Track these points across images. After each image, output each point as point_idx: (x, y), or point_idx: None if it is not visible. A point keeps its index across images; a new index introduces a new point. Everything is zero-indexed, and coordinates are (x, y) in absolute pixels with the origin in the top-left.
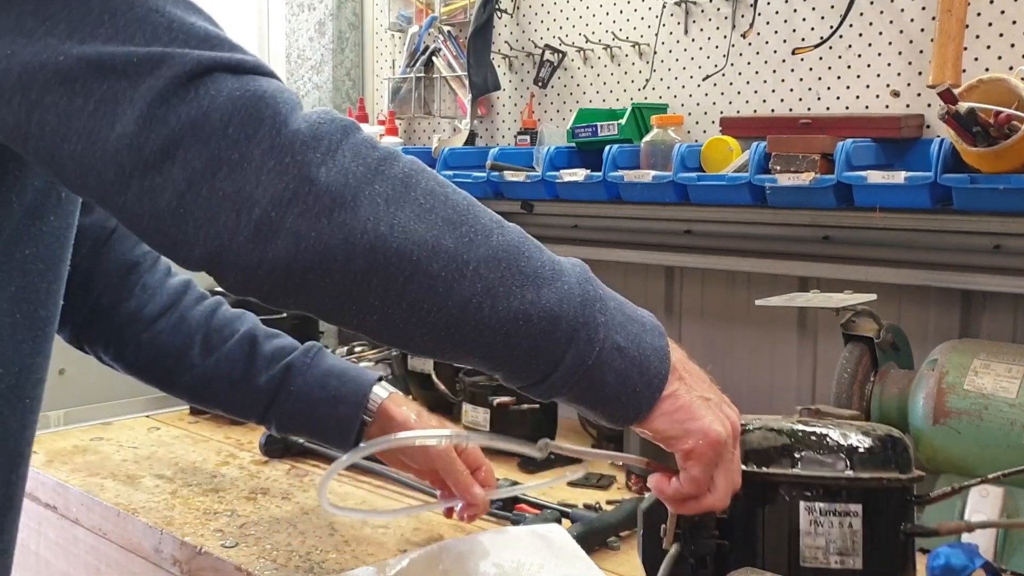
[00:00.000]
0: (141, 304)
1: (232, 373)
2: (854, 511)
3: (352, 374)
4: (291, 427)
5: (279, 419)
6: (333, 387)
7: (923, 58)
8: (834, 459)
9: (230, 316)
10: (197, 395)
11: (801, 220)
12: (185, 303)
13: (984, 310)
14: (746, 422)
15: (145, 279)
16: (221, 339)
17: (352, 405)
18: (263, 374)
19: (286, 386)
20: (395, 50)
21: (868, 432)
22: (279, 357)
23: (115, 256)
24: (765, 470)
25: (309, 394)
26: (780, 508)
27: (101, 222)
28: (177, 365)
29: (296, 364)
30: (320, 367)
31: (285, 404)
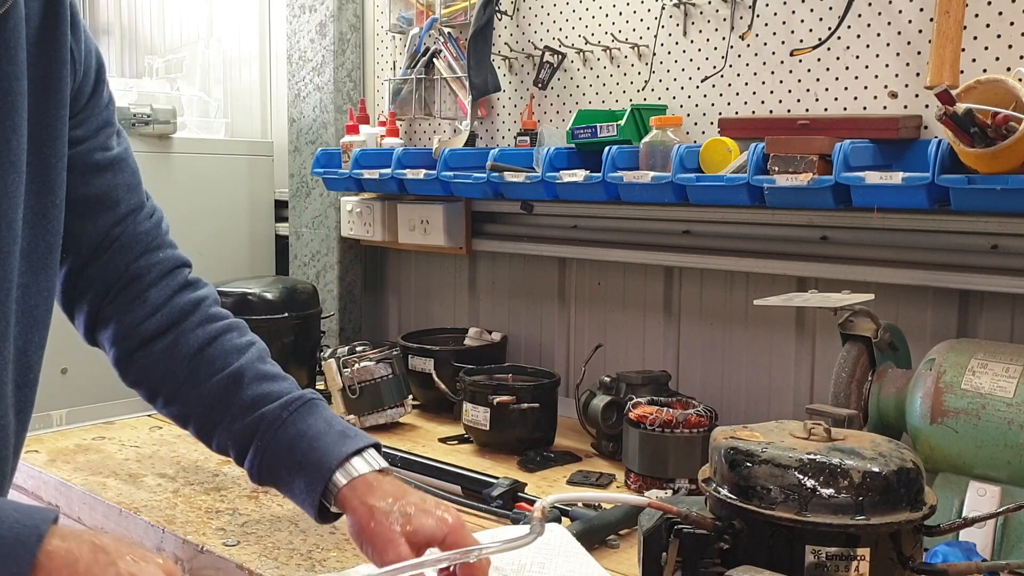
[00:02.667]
0: (138, 319)
1: (211, 413)
2: (861, 555)
3: (325, 442)
4: (266, 482)
5: (252, 471)
6: (300, 453)
7: (921, 59)
8: (844, 504)
9: (229, 348)
10: (182, 424)
11: (799, 220)
12: (185, 325)
13: (982, 310)
14: (752, 449)
15: (148, 294)
16: (210, 373)
17: (314, 481)
18: (237, 421)
19: (257, 441)
20: (396, 52)
21: (881, 463)
22: (257, 406)
23: (115, 266)
24: (770, 512)
25: (277, 455)
26: (784, 549)
27: (105, 230)
28: (161, 390)
29: (268, 418)
30: (295, 427)
31: (255, 458)
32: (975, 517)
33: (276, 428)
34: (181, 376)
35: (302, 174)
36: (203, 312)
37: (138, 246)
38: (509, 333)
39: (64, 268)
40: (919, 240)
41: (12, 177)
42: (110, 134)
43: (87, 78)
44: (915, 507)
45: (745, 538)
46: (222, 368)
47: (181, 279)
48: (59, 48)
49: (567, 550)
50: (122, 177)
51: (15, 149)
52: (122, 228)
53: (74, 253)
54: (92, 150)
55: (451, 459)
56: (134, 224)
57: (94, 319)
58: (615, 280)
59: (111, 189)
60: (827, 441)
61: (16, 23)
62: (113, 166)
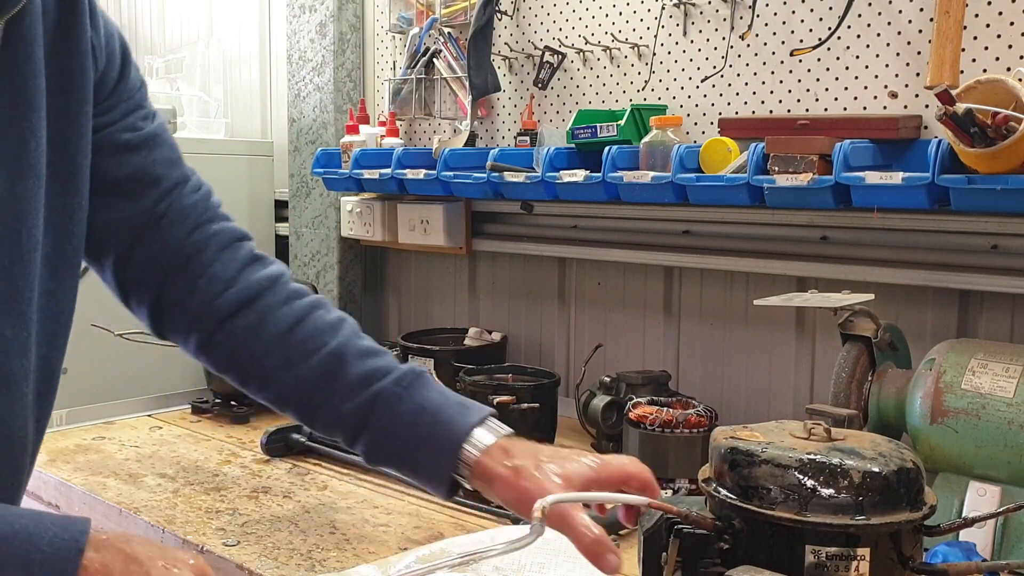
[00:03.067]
0: (209, 297)
1: (313, 395)
2: (861, 555)
3: (448, 414)
4: (381, 463)
5: (367, 452)
6: (425, 428)
7: (921, 59)
8: (844, 504)
9: (322, 325)
10: (279, 408)
11: (799, 220)
12: (268, 302)
13: (982, 310)
14: (752, 449)
15: (212, 269)
16: (304, 353)
17: (444, 454)
18: (348, 401)
19: (373, 419)
20: (396, 52)
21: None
22: (367, 383)
23: (166, 245)
24: (770, 512)
25: (397, 432)
26: (784, 549)
27: (147, 208)
28: (252, 373)
29: (384, 395)
30: (412, 401)
31: (372, 438)
32: (975, 517)
33: (393, 404)
34: (274, 358)
35: (302, 174)
36: (283, 288)
37: (188, 220)
38: (509, 333)
39: (110, 258)
40: (919, 240)
41: (31, 181)
42: (141, 116)
43: (111, 65)
44: (915, 507)
45: (745, 538)
46: (319, 347)
47: (247, 252)
48: (79, 40)
49: (567, 551)
50: (158, 153)
51: (33, 152)
52: (167, 203)
53: (118, 239)
54: (120, 130)
55: None
56: (179, 198)
57: (158, 308)
58: (615, 280)
59: (148, 166)
60: (827, 441)
61: (33, 19)
62: (147, 143)
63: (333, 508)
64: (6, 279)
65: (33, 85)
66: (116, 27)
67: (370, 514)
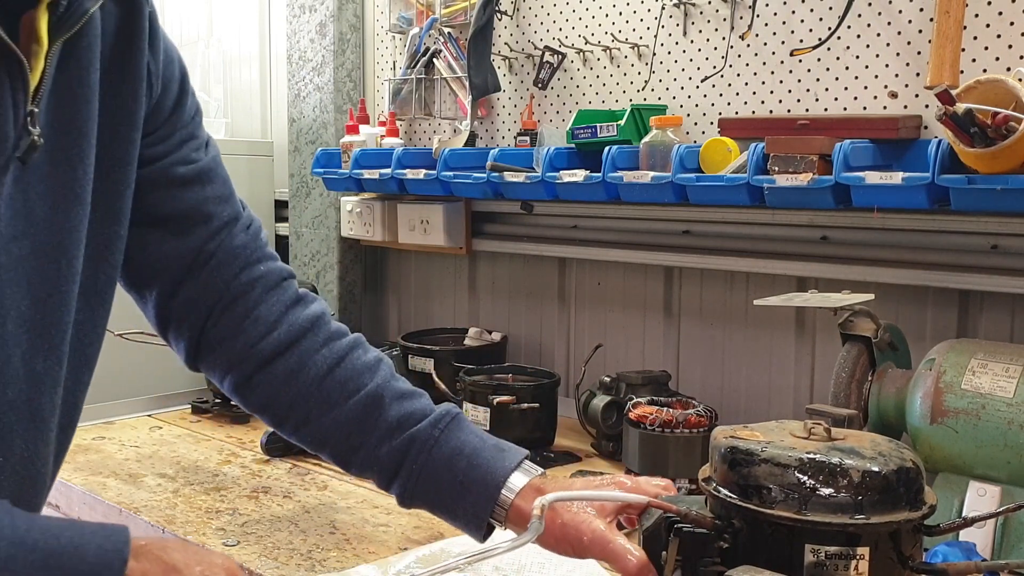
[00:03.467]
0: (252, 340)
1: (350, 438)
2: (861, 554)
3: (484, 458)
4: (417, 505)
5: (402, 495)
6: (461, 473)
7: (921, 59)
8: (844, 503)
9: (360, 367)
10: (314, 449)
11: (799, 220)
12: (308, 344)
13: (982, 310)
14: (752, 448)
15: (258, 311)
16: (343, 395)
17: (481, 500)
18: (384, 444)
19: (408, 462)
20: (396, 52)
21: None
22: (404, 426)
23: (214, 285)
24: (770, 511)
25: (434, 476)
26: (784, 548)
27: (197, 246)
28: (290, 415)
29: (420, 439)
30: (448, 445)
31: (407, 482)
32: (975, 517)
33: (430, 448)
34: (312, 401)
35: (302, 174)
36: (323, 330)
37: (237, 261)
38: (509, 333)
39: (154, 291)
40: (919, 240)
41: (77, 210)
42: (195, 147)
43: (167, 92)
44: (915, 507)
45: (744, 537)
46: (356, 390)
47: (292, 293)
48: (136, 67)
49: None
50: (211, 189)
51: (81, 179)
52: (217, 243)
53: (165, 274)
54: (174, 164)
55: None
56: (230, 238)
57: (197, 343)
58: (615, 280)
59: (200, 203)
60: (827, 441)
61: (91, 41)
62: (200, 178)
63: (333, 508)
64: (42, 312)
65: (85, 110)
66: (177, 52)
67: (370, 514)
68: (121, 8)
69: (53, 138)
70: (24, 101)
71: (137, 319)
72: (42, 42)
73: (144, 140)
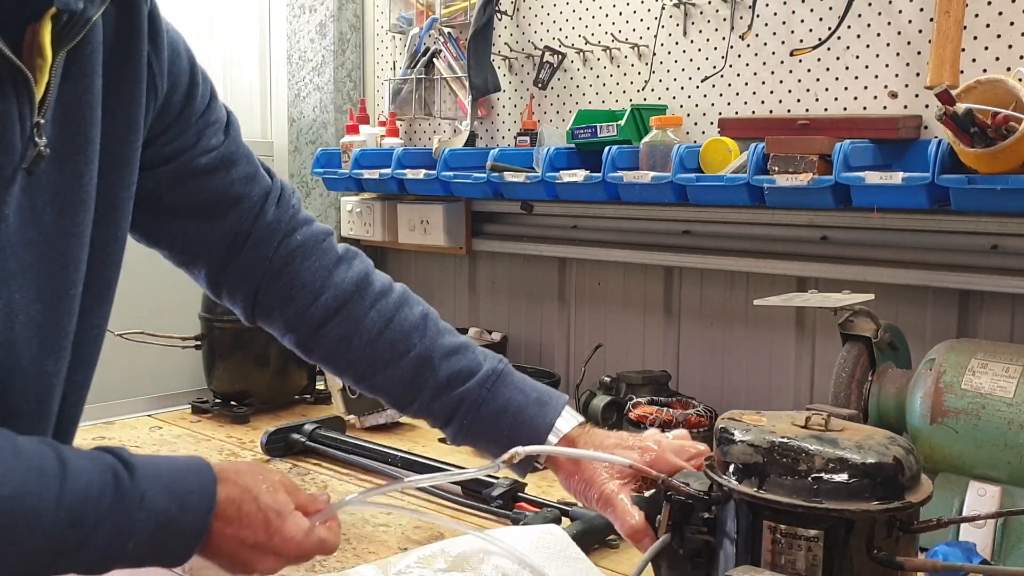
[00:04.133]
0: (302, 307)
1: (405, 394)
2: (815, 537)
3: (529, 414)
4: (467, 445)
5: (453, 440)
6: (507, 427)
7: (921, 59)
8: (801, 487)
9: (408, 327)
10: (371, 394)
11: (799, 220)
12: (356, 307)
13: (982, 310)
14: (731, 428)
15: (302, 279)
16: (394, 356)
17: None
18: (436, 401)
19: (459, 418)
20: (396, 52)
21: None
22: (454, 384)
23: (257, 261)
24: (734, 485)
25: (483, 431)
26: (747, 523)
27: (232, 228)
28: (348, 372)
29: (469, 399)
30: (496, 402)
31: (459, 433)
32: (950, 519)
33: (478, 407)
34: (366, 362)
35: (302, 174)
36: (369, 291)
37: (275, 236)
38: (509, 333)
39: (202, 270)
40: (919, 240)
41: (82, 215)
42: (213, 132)
43: (176, 87)
44: (887, 500)
45: (720, 510)
46: (407, 351)
47: (333, 255)
48: (136, 68)
49: (566, 555)
50: (236, 171)
51: (86, 185)
52: (251, 221)
53: (208, 256)
54: (195, 156)
55: (451, 459)
56: (263, 214)
57: (252, 311)
58: (615, 280)
59: (228, 187)
60: (822, 430)
61: (94, 48)
62: (223, 163)
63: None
64: (51, 315)
65: (90, 117)
66: (183, 42)
67: (370, 514)
68: (119, 10)
69: (59, 146)
70: (30, 114)
71: (137, 319)
72: (46, 55)
73: (161, 138)
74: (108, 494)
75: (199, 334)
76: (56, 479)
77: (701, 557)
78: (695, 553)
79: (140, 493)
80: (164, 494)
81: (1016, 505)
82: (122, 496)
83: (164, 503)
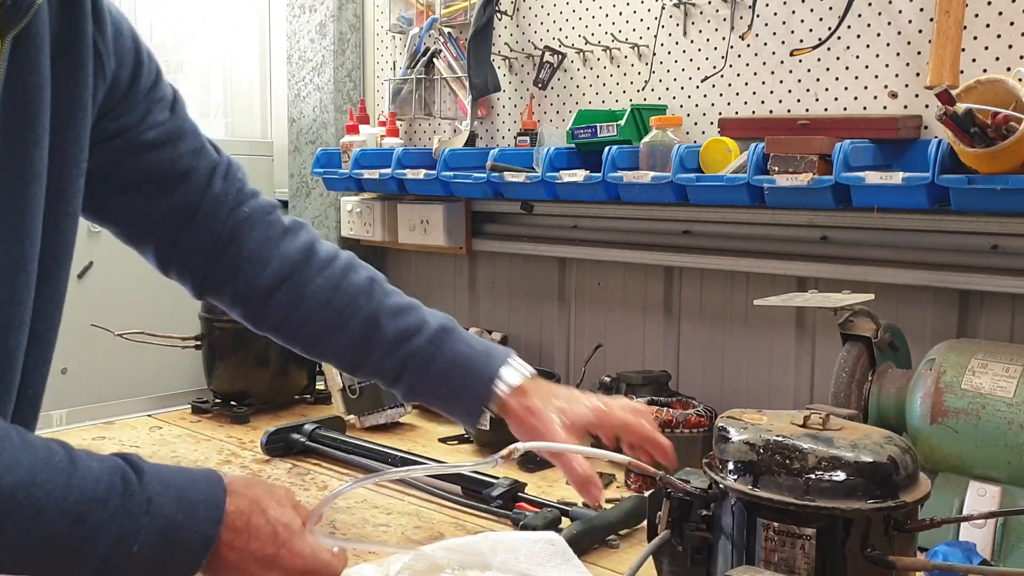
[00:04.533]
0: (249, 278)
1: (354, 356)
2: (807, 535)
3: (477, 365)
4: (419, 403)
5: (405, 396)
6: (457, 380)
7: (921, 59)
8: (795, 483)
9: (355, 292)
10: (322, 360)
11: (799, 220)
12: (304, 275)
13: (982, 310)
14: (728, 426)
15: (249, 251)
16: (342, 320)
17: (474, 399)
18: (385, 360)
19: (409, 375)
20: (396, 52)
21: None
22: (402, 342)
23: (205, 235)
24: (731, 484)
25: (432, 386)
26: (743, 521)
27: (180, 201)
28: (297, 340)
29: (418, 355)
30: (444, 356)
31: (410, 390)
32: (944, 519)
33: (427, 363)
34: (315, 328)
35: (302, 174)
36: (315, 259)
37: (223, 208)
38: (509, 333)
39: (151, 246)
40: (919, 240)
41: (35, 191)
42: (161, 108)
43: (123, 66)
44: (882, 499)
45: (717, 507)
46: (355, 314)
47: (279, 227)
48: (82, 49)
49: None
50: (184, 145)
51: (38, 163)
52: (200, 195)
53: (158, 231)
54: (143, 130)
55: (451, 459)
56: (211, 187)
57: (201, 284)
58: (615, 280)
59: (176, 160)
60: (819, 430)
61: (39, 29)
62: (171, 138)
63: (333, 508)
64: (10, 290)
65: (38, 96)
66: (126, 22)
67: (370, 514)
68: None
69: (9, 128)
70: None
71: (137, 319)
72: None
73: (109, 115)
74: (115, 495)
75: (199, 334)
76: (64, 473)
77: (700, 554)
78: (695, 550)
79: (147, 497)
80: (172, 502)
81: (1016, 505)
82: (129, 498)
83: (171, 511)
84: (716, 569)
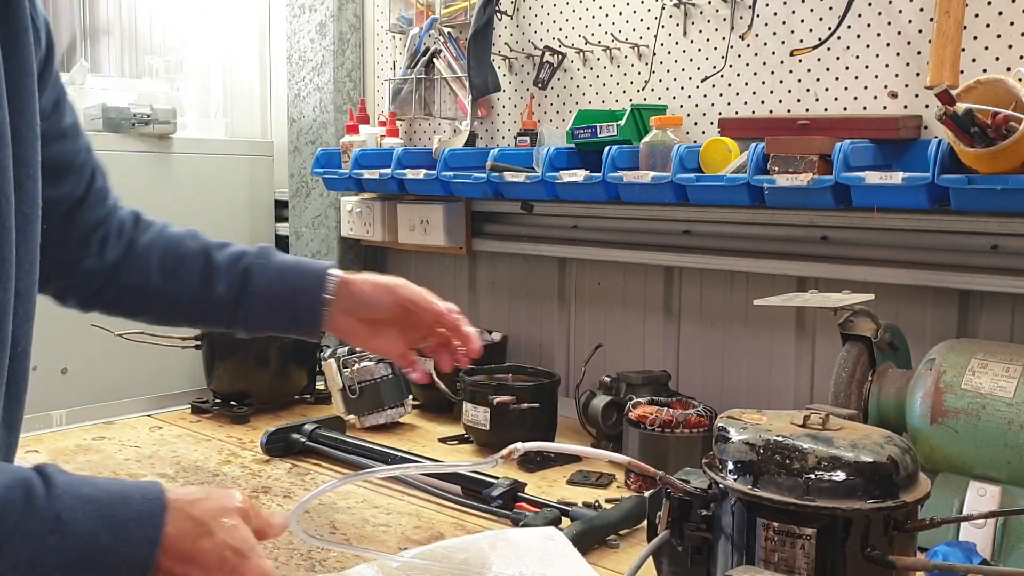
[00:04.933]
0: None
1: (193, 289)
2: (807, 535)
3: (308, 265)
4: (258, 325)
5: (245, 321)
6: (293, 280)
7: (921, 59)
8: (794, 483)
9: (179, 234)
10: (164, 318)
11: (799, 220)
12: (133, 235)
13: (982, 310)
14: (728, 426)
15: (105, 232)
16: (176, 259)
17: (313, 291)
18: (222, 283)
19: (248, 288)
20: (396, 51)
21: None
22: (235, 262)
23: (85, 222)
24: (731, 484)
25: (271, 291)
26: (742, 521)
27: (72, 192)
28: (140, 296)
29: (254, 267)
30: (276, 264)
31: (249, 305)
32: (944, 519)
33: (263, 271)
34: (154, 273)
35: (302, 174)
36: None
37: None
38: (509, 333)
39: None
40: (919, 240)
41: (3, 151)
42: (65, 99)
43: (47, 51)
44: (882, 499)
45: (717, 507)
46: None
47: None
48: (22, 16)
49: (566, 560)
50: (81, 141)
51: (2, 124)
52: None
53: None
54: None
55: (451, 459)
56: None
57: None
58: (615, 280)
59: (75, 153)
60: (819, 429)
61: None
62: (73, 131)
63: (333, 508)
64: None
65: None
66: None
67: (370, 514)
68: None
69: None
70: None
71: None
72: None
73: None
74: (13, 512)
75: (199, 334)
76: None
77: (700, 554)
78: (695, 550)
79: (54, 514)
80: (90, 519)
81: (1016, 505)
82: (31, 515)
83: (89, 529)
84: (716, 569)
